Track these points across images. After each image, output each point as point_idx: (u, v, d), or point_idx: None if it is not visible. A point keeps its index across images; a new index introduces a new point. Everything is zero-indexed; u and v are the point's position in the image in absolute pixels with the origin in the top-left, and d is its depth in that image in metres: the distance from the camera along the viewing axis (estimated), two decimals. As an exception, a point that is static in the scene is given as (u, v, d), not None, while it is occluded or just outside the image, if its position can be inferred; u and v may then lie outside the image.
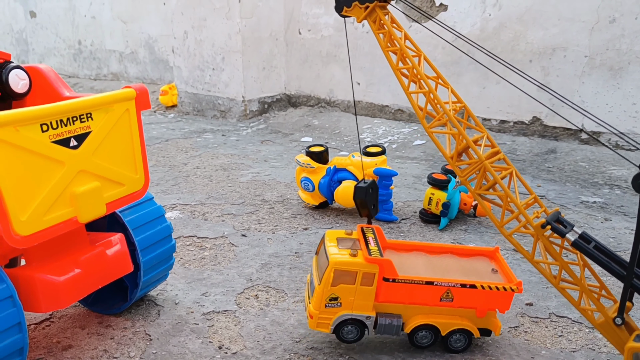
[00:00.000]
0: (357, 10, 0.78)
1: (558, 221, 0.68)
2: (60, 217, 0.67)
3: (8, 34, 3.89)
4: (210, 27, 2.31)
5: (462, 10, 1.87)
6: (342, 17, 0.82)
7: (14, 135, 0.62)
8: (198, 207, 1.34)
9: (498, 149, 0.74)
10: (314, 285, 0.77)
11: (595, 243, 0.67)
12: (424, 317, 0.77)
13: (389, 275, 0.74)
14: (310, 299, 0.77)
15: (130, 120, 0.77)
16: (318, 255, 0.80)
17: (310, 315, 0.75)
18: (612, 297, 0.69)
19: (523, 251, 0.70)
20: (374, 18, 0.77)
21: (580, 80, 1.69)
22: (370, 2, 0.76)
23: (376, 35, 0.77)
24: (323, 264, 0.75)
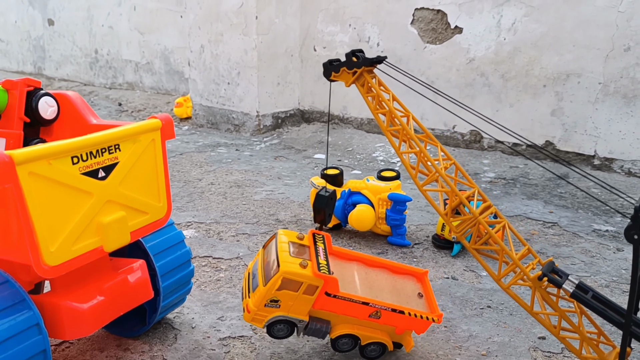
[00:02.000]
0: (345, 75, 0.81)
1: (553, 271, 0.69)
2: (87, 247, 0.69)
3: (26, 40, 3.95)
4: (227, 42, 2.34)
5: (477, 34, 1.89)
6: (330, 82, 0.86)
7: (46, 168, 0.64)
8: (213, 225, 1.36)
9: (490, 202, 0.76)
10: (256, 280, 0.79)
11: (592, 292, 0.68)
12: (350, 327, 0.81)
13: (331, 291, 0.77)
14: (251, 294, 0.78)
15: (155, 150, 0.79)
16: (265, 250, 0.83)
17: (248, 309, 0.77)
18: (610, 343, 0.70)
19: (522, 303, 0.71)
20: (362, 82, 0.80)
21: (594, 107, 1.70)
22: (358, 68, 0.80)
23: (365, 99, 0.80)
24: (271, 267, 0.77)
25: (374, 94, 0.79)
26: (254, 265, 0.83)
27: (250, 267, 0.84)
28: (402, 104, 0.78)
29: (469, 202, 0.73)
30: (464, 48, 1.92)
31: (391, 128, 0.78)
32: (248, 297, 0.79)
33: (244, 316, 0.78)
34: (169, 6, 2.93)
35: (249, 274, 0.83)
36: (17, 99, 0.80)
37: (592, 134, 1.71)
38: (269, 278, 0.76)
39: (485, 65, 1.88)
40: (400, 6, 2.05)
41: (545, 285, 0.68)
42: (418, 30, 2.02)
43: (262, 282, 0.77)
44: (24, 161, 0.61)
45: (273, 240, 0.83)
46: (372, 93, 0.79)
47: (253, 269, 0.82)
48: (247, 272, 0.84)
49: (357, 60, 0.82)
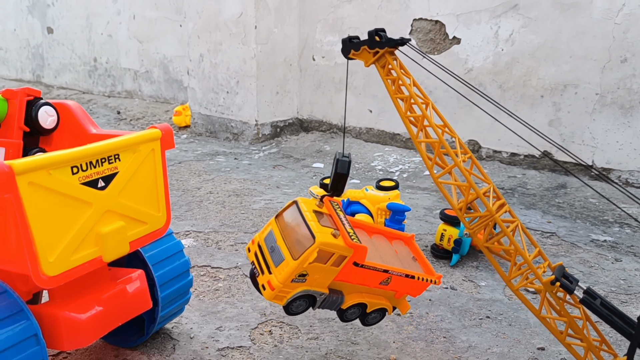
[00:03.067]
0: (365, 54, 0.77)
1: (564, 276, 0.68)
2: (85, 257, 0.69)
3: (24, 48, 3.96)
4: (226, 52, 2.34)
5: (475, 44, 1.90)
6: (349, 60, 0.81)
7: (46, 178, 0.64)
8: (212, 234, 1.36)
9: (504, 201, 0.74)
10: (279, 253, 0.73)
11: (600, 299, 0.67)
12: (360, 296, 0.79)
13: (359, 261, 0.74)
14: (273, 269, 0.73)
15: (155, 159, 0.79)
16: (281, 219, 0.77)
17: (272, 286, 0.72)
18: (612, 352, 0.70)
19: (530, 306, 0.70)
20: (383, 63, 0.76)
21: (591, 117, 1.70)
22: (381, 48, 0.75)
23: (384, 81, 0.76)
24: (301, 239, 0.72)
25: (394, 77, 0.74)
26: (268, 238, 0.76)
27: (259, 240, 0.77)
28: (422, 91, 0.74)
29: (486, 199, 0.70)
30: (462, 58, 1.93)
31: (410, 114, 0.73)
32: (268, 272, 0.73)
33: (265, 294, 0.73)
34: (168, 15, 2.94)
35: (260, 248, 0.76)
36: (17, 108, 0.80)
37: (589, 144, 1.72)
38: (301, 250, 0.71)
39: (483, 75, 1.89)
40: (399, 17, 2.06)
41: (556, 290, 0.68)
42: (416, 41, 2.03)
43: (290, 256, 0.71)
44: (23, 171, 0.61)
45: (291, 208, 0.77)
46: (392, 76, 0.75)
47: (268, 241, 0.76)
48: (257, 246, 0.77)
49: (380, 39, 0.76)
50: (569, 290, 0.67)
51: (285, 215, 0.77)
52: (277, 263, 0.73)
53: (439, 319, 1.00)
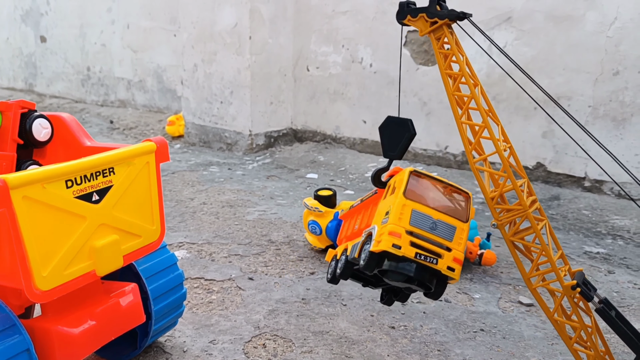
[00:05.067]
0: (422, 22, 0.73)
1: (584, 283, 0.68)
2: (79, 271, 0.68)
3: (17, 57, 3.95)
4: (220, 62, 2.35)
5: (468, 56, 1.90)
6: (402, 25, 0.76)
7: (40, 192, 0.63)
8: (205, 246, 1.35)
9: (536, 197, 0.72)
10: (446, 227, 0.67)
11: (615, 311, 0.67)
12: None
13: None
14: (450, 244, 0.67)
15: (149, 172, 0.79)
16: (412, 194, 0.69)
17: (460, 261, 0.67)
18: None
19: (545, 307, 0.69)
20: (439, 35, 0.72)
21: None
22: (440, 18, 0.71)
23: (436, 54, 0.73)
24: (457, 201, 0.69)
25: (447, 51, 0.71)
26: (417, 219, 0.68)
27: (405, 228, 0.67)
28: (473, 71, 0.72)
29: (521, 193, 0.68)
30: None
31: (456, 93, 0.71)
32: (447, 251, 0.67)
33: (456, 274, 0.66)
34: (163, 25, 2.94)
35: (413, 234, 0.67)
36: (11, 120, 0.80)
37: (582, 156, 1.73)
38: (467, 211, 0.69)
39: (477, 87, 1.90)
40: (393, 28, 2.07)
41: (574, 295, 0.67)
42: (411, 52, 2.04)
43: (460, 222, 0.68)
44: (18, 185, 0.60)
45: (412, 181, 0.71)
46: (444, 50, 0.71)
47: (419, 223, 0.68)
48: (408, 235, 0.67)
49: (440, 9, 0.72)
50: (588, 298, 0.66)
51: (411, 189, 0.70)
52: (450, 236, 0.68)
53: (433, 331, 1.00)
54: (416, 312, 1.06)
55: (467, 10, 0.75)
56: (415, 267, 0.66)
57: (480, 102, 0.70)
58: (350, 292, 1.13)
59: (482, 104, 0.71)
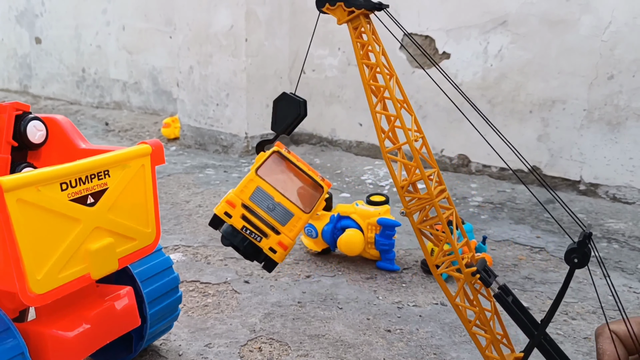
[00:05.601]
0: (340, 11, 0.74)
1: (484, 269, 0.71)
2: (74, 274, 0.68)
3: (12, 58, 3.93)
4: (216, 64, 2.34)
5: (464, 59, 1.91)
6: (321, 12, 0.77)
7: (35, 195, 0.63)
8: (201, 249, 1.35)
9: (445, 187, 0.74)
10: (284, 210, 0.72)
11: (512, 297, 0.70)
12: None
13: None
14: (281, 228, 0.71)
15: (145, 175, 0.78)
16: (265, 172, 0.73)
17: (285, 246, 0.71)
18: (511, 347, 0.73)
19: (447, 291, 0.72)
20: (356, 25, 0.74)
21: (579, 133, 1.72)
22: (357, 8, 0.72)
23: (354, 43, 0.74)
24: (308, 190, 0.73)
25: (364, 41, 0.72)
26: (258, 197, 0.72)
27: (243, 201, 0.72)
28: (389, 62, 0.72)
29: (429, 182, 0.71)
30: (451, 73, 1.94)
31: (372, 83, 0.72)
32: (274, 234, 0.70)
33: (277, 257, 0.71)
34: (158, 26, 2.94)
35: (249, 209, 0.71)
36: (6, 122, 0.79)
37: (577, 159, 1.73)
38: (313, 202, 0.70)
39: (473, 90, 1.91)
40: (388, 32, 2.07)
41: (474, 281, 0.70)
42: (407, 55, 2.04)
43: (299, 210, 0.70)
44: (12, 188, 0.60)
45: (273, 159, 0.74)
46: (362, 40, 0.73)
47: (259, 201, 0.71)
48: (243, 208, 0.71)
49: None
50: (487, 284, 0.69)
51: (268, 168, 0.74)
52: (284, 221, 0.71)
53: (429, 335, 1.00)
54: (412, 316, 1.06)
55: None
56: (241, 238, 0.71)
57: (393, 93, 0.72)
58: (347, 295, 1.13)
59: (396, 94, 0.72)
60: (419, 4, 1.98)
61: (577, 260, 0.63)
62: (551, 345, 0.69)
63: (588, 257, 0.62)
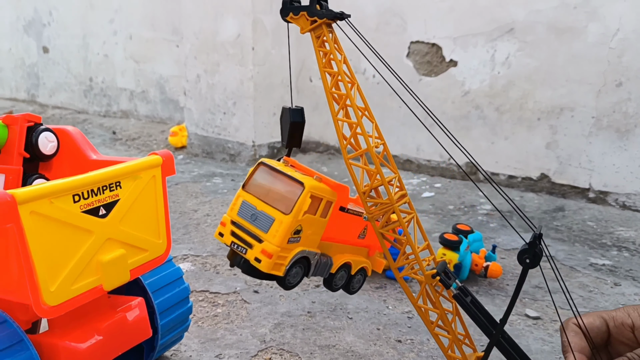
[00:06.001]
0: (304, 20, 0.75)
1: (444, 272, 0.73)
2: (86, 286, 0.68)
3: (20, 67, 3.96)
4: (223, 73, 2.35)
5: (471, 67, 1.91)
6: (286, 22, 0.79)
7: (48, 207, 0.63)
8: (209, 258, 1.35)
9: (405, 192, 0.75)
10: (266, 217, 0.70)
11: (471, 297, 0.73)
12: (345, 255, 0.77)
13: (344, 204, 0.73)
14: (264, 236, 0.69)
15: (155, 186, 0.78)
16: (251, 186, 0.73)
17: (269, 254, 0.68)
18: (473, 347, 0.75)
19: (409, 293, 0.74)
20: (318, 34, 0.75)
21: (588, 140, 1.71)
22: (319, 17, 0.74)
23: (316, 52, 0.76)
24: (288, 191, 0.70)
25: (326, 50, 0.74)
26: (243, 211, 0.72)
27: (232, 218, 0.73)
28: (351, 70, 0.74)
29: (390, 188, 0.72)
30: (459, 81, 1.94)
31: (334, 91, 0.73)
32: (258, 242, 0.69)
33: (262, 266, 0.69)
34: (165, 35, 2.95)
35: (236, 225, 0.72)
36: (18, 134, 0.80)
37: (586, 167, 1.72)
38: (293, 201, 0.68)
39: (480, 98, 1.90)
40: (396, 39, 2.08)
41: (435, 283, 0.72)
42: (414, 63, 2.05)
43: (280, 213, 0.68)
44: (25, 200, 0.60)
45: (259, 171, 0.74)
46: (324, 49, 0.74)
47: (244, 214, 0.72)
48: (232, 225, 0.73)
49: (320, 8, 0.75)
50: (446, 285, 0.72)
51: (254, 180, 0.74)
52: (266, 228, 0.70)
53: (441, 345, 0.99)
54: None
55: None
56: (239, 257, 0.72)
57: (354, 101, 0.73)
58: (356, 305, 1.13)
59: (357, 102, 0.73)
60: (425, 13, 1.99)
61: (529, 260, 0.66)
62: (509, 344, 0.71)
63: (539, 257, 0.65)
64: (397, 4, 2.05)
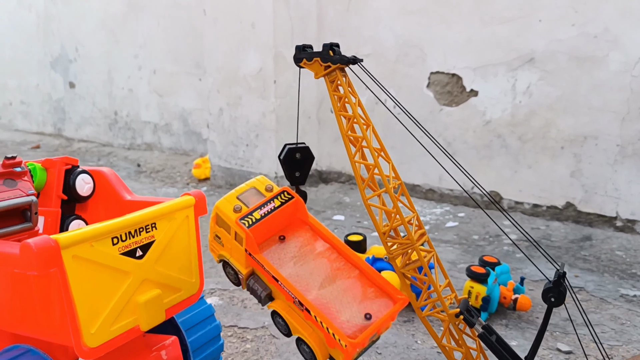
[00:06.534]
0: (317, 66, 0.77)
1: (467, 310, 0.73)
2: (124, 327, 0.69)
3: (46, 102, 4.07)
4: (245, 105, 2.39)
5: (492, 97, 1.92)
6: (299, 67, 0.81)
7: (89, 250, 0.65)
8: (237, 292, 1.36)
9: (424, 231, 0.76)
10: None
11: (496, 336, 0.73)
12: (283, 306, 0.74)
13: (248, 248, 0.76)
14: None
15: (189, 226, 0.80)
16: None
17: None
18: None
19: (433, 333, 0.75)
20: (332, 79, 0.77)
21: (613, 169, 1.70)
22: (333, 63, 0.75)
23: (331, 96, 0.78)
24: None
25: (341, 94, 0.76)
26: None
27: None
28: (365, 112, 0.76)
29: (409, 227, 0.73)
30: (480, 110, 1.95)
31: (350, 134, 0.76)
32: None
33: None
34: (188, 69, 3.02)
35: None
36: (56, 177, 0.83)
37: (612, 195, 1.71)
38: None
39: (502, 127, 1.91)
40: (415, 70, 2.10)
41: (458, 322, 0.72)
42: (434, 93, 2.06)
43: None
44: (68, 245, 0.62)
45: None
46: (339, 93, 0.77)
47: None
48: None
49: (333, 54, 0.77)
50: (470, 324, 0.71)
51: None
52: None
53: (472, 381, 0.98)
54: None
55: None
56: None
57: (371, 143, 0.75)
58: (384, 339, 1.13)
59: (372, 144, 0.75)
60: (444, 44, 2.01)
61: (554, 299, 0.66)
62: None
63: (564, 295, 0.66)
64: (416, 35, 2.08)
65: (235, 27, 2.37)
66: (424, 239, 0.75)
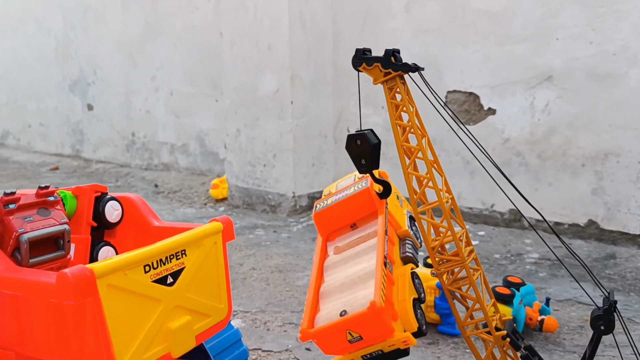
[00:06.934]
0: (377, 71, 0.74)
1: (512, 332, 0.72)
2: (156, 354, 0.70)
3: (65, 124, 4.12)
4: (263, 126, 2.41)
5: (511, 115, 1.92)
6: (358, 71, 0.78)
7: (122, 279, 0.66)
8: (259, 314, 1.36)
9: (473, 247, 0.75)
10: None
11: (538, 357, 0.73)
12: None
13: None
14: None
15: (217, 252, 0.81)
16: None
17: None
18: None
19: (476, 353, 0.73)
20: (391, 85, 0.75)
21: (636, 186, 1.69)
22: (394, 70, 0.73)
23: (388, 103, 0.76)
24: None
25: (398, 102, 0.74)
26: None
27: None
28: (422, 123, 0.75)
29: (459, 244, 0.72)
30: (498, 129, 1.95)
31: (405, 143, 0.74)
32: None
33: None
34: (205, 91, 3.05)
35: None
36: (86, 204, 0.84)
37: (636, 212, 1.69)
38: None
39: (521, 145, 1.90)
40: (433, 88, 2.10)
41: (504, 344, 0.71)
42: (451, 112, 2.06)
43: None
44: (103, 274, 0.63)
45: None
46: (396, 100, 0.75)
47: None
48: None
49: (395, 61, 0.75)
50: (516, 348, 0.71)
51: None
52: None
53: (501, 405, 0.97)
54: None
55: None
56: None
57: (427, 153, 0.74)
58: (410, 362, 1.12)
59: (428, 155, 0.74)
60: (461, 63, 2.01)
61: (604, 327, 0.66)
62: None
63: (614, 323, 0.65)
64: (432, 54, 2.09)
65: (251, 48, 2.39)
66: (472, 256, 0.74)
